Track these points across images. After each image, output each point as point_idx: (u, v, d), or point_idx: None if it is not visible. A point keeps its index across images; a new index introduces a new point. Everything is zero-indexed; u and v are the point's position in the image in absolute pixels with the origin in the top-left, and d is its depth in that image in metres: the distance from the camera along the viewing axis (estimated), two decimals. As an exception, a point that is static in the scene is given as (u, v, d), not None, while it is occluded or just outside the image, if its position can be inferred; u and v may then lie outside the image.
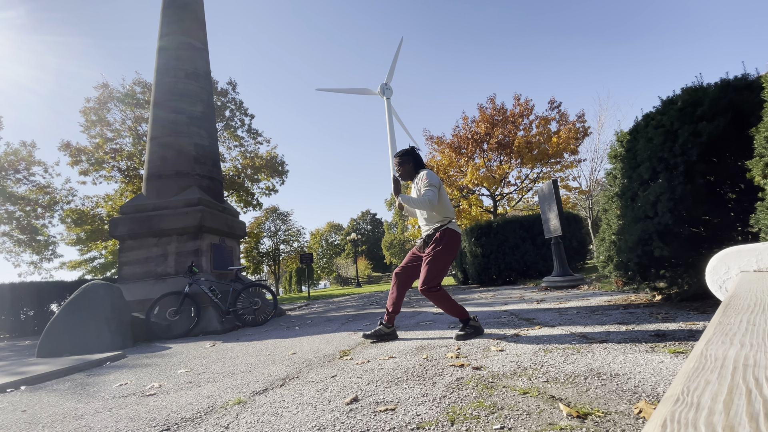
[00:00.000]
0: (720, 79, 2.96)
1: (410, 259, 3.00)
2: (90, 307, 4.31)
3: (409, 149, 3.09)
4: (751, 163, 2.30)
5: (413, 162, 3.05)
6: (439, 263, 2.78)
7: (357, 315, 5.57)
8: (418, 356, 2.31)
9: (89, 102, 15.55)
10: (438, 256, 2.78)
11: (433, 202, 2.77)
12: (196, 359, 3.15)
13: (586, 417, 1.18)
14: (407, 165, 3.04)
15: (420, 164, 3.06)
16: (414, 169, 3.05)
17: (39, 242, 16.28)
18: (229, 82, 18.06)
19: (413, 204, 2.84)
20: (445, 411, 1.36)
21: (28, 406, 2.09)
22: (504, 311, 4.05)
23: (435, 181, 2.83)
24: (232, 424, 1.49)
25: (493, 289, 8.20)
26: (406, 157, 3.06)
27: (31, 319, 8.04)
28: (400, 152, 3.09)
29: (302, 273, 42.79)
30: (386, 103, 69.60)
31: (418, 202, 2.80)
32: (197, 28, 8.11)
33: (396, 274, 2.99)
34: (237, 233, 7.57)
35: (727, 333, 0.58)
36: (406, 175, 3.06)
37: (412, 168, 3.04)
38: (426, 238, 2.88)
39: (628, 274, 3.43)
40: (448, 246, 2.79)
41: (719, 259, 1.37)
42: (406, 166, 3.05)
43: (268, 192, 19.36)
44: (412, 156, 3.05)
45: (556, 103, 14.99)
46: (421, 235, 2.97)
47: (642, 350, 1.88)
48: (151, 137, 7.21)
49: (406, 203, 2.90)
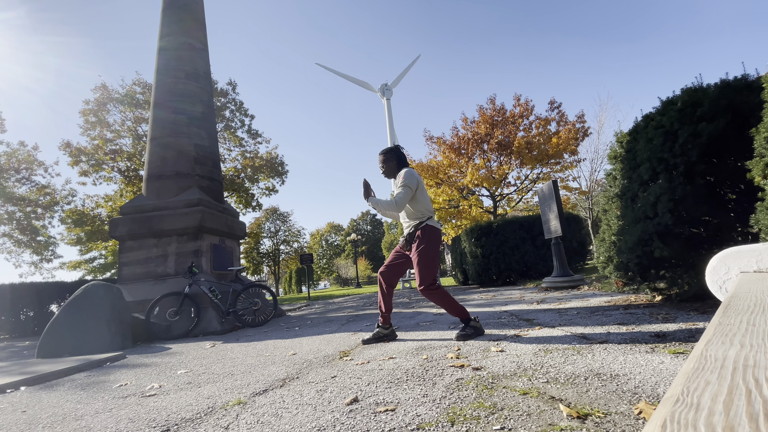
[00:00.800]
0: (720, 79, 2.97)
1: (393, 257, 3.04)
2: (90, 308, 4.31)
3: (393, 147, 3.14)
4: (751, 164, 2.30)
5: (396, 160, 3.09)
6: (427, 260, 2.84)
7: (357, 315, 5.57)
8: (418, 357, 2.31)
9: (88, 104, 15.58)
10: (424, 253, 2.83)
11: (400, 204, 2.83)
12: (196, 360, 3.15)
13: (587, 417, 1.18)
14: (390, 163, 3.09)
15: (403, 163, 3.10)
16: (397, 167, 3.09)
17: (39, 243, 16.30)
18: (229, 82, 18.09)
19: (381, 207, 2.90)
20: (445, 411, 1.36)
21: (28, 406, 2.09)
22: (504, 312, 4.05)
23: (411, 182, 2.87)
24: (232, 424, 1.49)
25: (493, 289, 8.19)
26: (390, 155, 3.11)
27: (31, 319, 8.04)
28: (384, 150, 3.14)
29: (302, 273, 42.79)
30: (386, 103, 69.65)
31: (386, 205, 2.86)
32: (197, 28, 8.12)
33: (381, 274, 3.04)
34: (237, 234, 7.57)
35: (727, 333, 0.58)
36: (390, 173, 3.10)
37: (395, 166, 3.09)
38: (408, 236, 2.92)
39: (628, 275, 3.43)
40: (430, 241, 2.85)
41: (719, 259, 1.37)
42: (389, 163, 3.09)
43: (268, 192, 19.38)
44: (396, 154, 3.11)
45: (556, 103, 15.02)
46: (403, 233, 3.01)
47: (642, 351, 1.88)
48: (151, 138, 7.22)
49: (374, 206, 2.94)
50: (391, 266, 3.03)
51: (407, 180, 2.86)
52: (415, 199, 2.90)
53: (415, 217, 2.91)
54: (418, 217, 2.90)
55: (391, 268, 3.03)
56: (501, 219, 10.72)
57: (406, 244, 2.92)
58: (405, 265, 3.02)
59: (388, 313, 3.04)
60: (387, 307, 3.03)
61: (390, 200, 2.87)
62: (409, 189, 2.84)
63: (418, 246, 2.83)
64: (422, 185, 2.96)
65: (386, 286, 3.03)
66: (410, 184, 2.85)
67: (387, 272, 3.03)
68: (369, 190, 2.98)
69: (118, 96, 15.86)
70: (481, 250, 9.68)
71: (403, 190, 2.84)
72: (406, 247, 2.93)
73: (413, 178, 2.89)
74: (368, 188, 2.99)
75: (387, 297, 3.03)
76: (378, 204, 2.90)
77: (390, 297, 3.04)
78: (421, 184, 2.93)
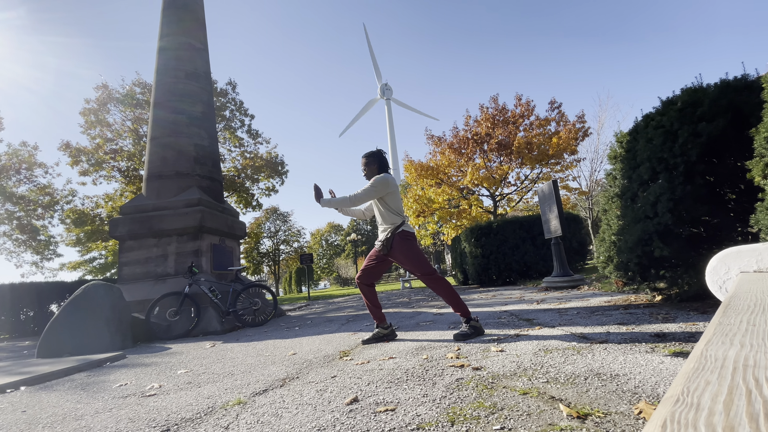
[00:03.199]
0: (720, 79, 2.96)
1: (369, 262, 3.09)
2: (90, 308, 4.31)
3: (376, 151, 3.19)
4: (751, 164, 2.30)
5: (378, 164, 3.13)
6: (415, 255, 2.92)
7: (357, 315, 5.57)
8: (418, 357, 2.31)
9: (88, 103, 15.57)
10: (410, 252, 2.91)
11: (355, 199, 2.93)
12: (196, 360, 3.15)
13: (587, 417, 1.18)
14: (372, 166, 3.13)
15: (384, 167, 3.14)
16: (378, 171, 3.13)
17: (39, 242, 16.30)
18: (229, 82, 18.08)
19: (335, 204, 3.02)
20: (445, 411, 1.36)
21: (28, 406, 2.09)
22: (504, 312, 4.05)
23: (378, 184, 2.93)
24: (232, 424, 1.48)
25: (493, 289, 8.19)
26: (372, 158, 3.15)
27: (31, 319, 8.04)
28: (367, 154, 3.19)
29: (302, 273, 42.76)
30: (386, 103, 69.61)
31: (339, 201, 2.98)
32: (197, 28, 8.12)
33: (359, 278, 3.10)
34: (237, 233, 7.56)
35: (727, 333, 0.58)
36: (370, 176, 3.14)
37: (376, 169, 3.13)
38: (386, 241, 2.95)
39: (628, 275, 3.43)
40: (410, 242, 2.95)
41: (719, 259, 1.37)
42: (371, 167, 3.13)
43: (268, 192, 19.37)
44: (378, 158, 3.15)
45: (556, 103, 15.02)
46: (379, 236, 3.05)
47: (642, 351, 1.88)
48: (151, 137, 7.22)
49: (327, 205, 3.04)
50: (367, 271, 3.09)
51: (376, 181, 2.95)
52: (386, 204, 2.97)
53: (390, 221, 2.97)
54: (394, 221, 2.96)
55: (367, 272, 3.09)
56: (501, 219, 10.73)
57: (384, 248, 2.96)
58: (382, 267, 3.09)
59: (380, 310, 3.08)
60: (375, 304, 3.08)
61: (344, 196, 2.97)
62: (372, 189, 2.93)
63: (402, 249, 2.90)
64: (396, 191, 3.03)
65: (367, 286, 3.10)
66: (377, 185, 2.93)
67: (365, 276, 3.10)
68: (319, 192, 3.08)
69: (119, 96, 15.85)
70: (481, 250, 9.68)
71: (367, 187, 2.94)
72: (383, 250, 2.97)
73: (384, 182, 2.95)
74: (318, 191, 3.09)
75: (372, 296, 3.09)
76: (330, 202, 3.02)
77: (375, 295, 3.11)
78: (394, 190, 3.00)
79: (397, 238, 2.92)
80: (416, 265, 2.89)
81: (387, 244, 2.94)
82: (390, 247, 2.93)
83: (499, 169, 14.30)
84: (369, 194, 2.94)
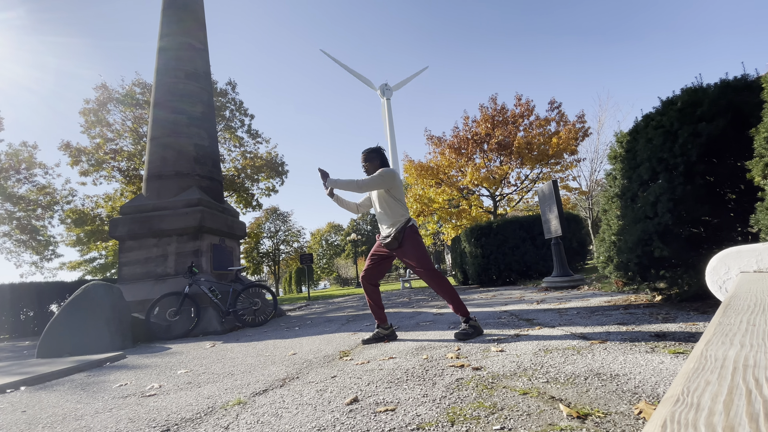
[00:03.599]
0: (720, 79, 2.96)
1: (373, 260, 3.10)
2: (90, 308, 4.31)
3: (376, 148, 3.20)
4: (751, 164, 2.30)
5: (379, 160, 3.15)
6: (422, 252, 2.93)
7: (357, 315, 5.57)
8: (418, 357, 2.31)
9: (88, 103, 15.57)
10: (418, 248, 2.92)
11: (362, 183, 2.93)
12: (196, 360, 3.15)
13: (587, 417, 1.18)
14: (375, 162, 3.14)
15: (385, 164, 3.16)
16: (380, 166, 3.14)
17: (39, 242, 16.30)
18: (229, 82, 18.08)
19: (342, 184, 2.98)
20: (445, 411, 1.36)
21: (28, 406, 2.09)
22: (504, 312, 4.05)
23: (387, 175, 2.94)
24: (232, 424, 1.48)
25: (493, 289, 8.19)
26: (373, 154, 3.16)
27: (30, 319, 8.04)
28: (367, 150, 3.20)
29: (302, 273, 42.75)
30: (386, 103, 69.64)
31: (347, 182, 2.95)
32: (197, 28, 8.12)
33: (363, 278, 3.11)
34: (237, 234, 7.56)
35: (727, 333, 0.58)
36: (373, 170, 3.14)
37: (378, 165, 3.14)
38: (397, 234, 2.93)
39: (628, 275, 3.43)
40: (419, 237, 2.98)
41: (719, 259, 1.37)
42: (374, 162, 3.14)
43: (268, 192, 19.36)
44: (379, 154, 3.16)
45: (556, 103, 15.03)
46: (383, 233, 3.05)
47: (642, 351, 1.88)
48: (151, 138, 7.22)
49: (334, 185, 3.00)
50: (371, 268, 3.09)
51: (384, 171, 2.96)
52: (393, 198, 2.98)
53: (399, 213, 2.98)
54: (403, 214, 2.98)
55: (371, 270, 3.10)
56: (501, 219, 10.73)
57: (394, 241, 2.94)
58: (386, 263, 3.10)
59: (382, 311, 3.08)
60: (378, 304, 3.08)
61: (351, 179, 2.96)
62: (380, 178, 2.93)
63: (413, 242, 2.91)
64: (400, 186, 3.04)
65: (371, 285, 3.10)
66: (385, 176, 2.94)
67: (368, 276, 3.10)
68: (326, 174, 3.04)
69: (119, 96, 15.85)
70: (481, 250, 9.68)
71: (375, 176, 2.94)
72: (393, 244, 2.96)
73: (392, 173, 2.97)
74: (325, 174, 3.04)
75: (375, 295, 3.10)
76: (338, 182, 2.98)
77: (378, 294, 3.11)
78: (399, 184, 3.01)
79: (409, 231, 2.92)
80: (422, 261, 2.89)
81: (399, 237, 2.92)
82: (402, 240, 2.91)
83: (499, 169, 14.30)
84: (376, 183, 2.94)
